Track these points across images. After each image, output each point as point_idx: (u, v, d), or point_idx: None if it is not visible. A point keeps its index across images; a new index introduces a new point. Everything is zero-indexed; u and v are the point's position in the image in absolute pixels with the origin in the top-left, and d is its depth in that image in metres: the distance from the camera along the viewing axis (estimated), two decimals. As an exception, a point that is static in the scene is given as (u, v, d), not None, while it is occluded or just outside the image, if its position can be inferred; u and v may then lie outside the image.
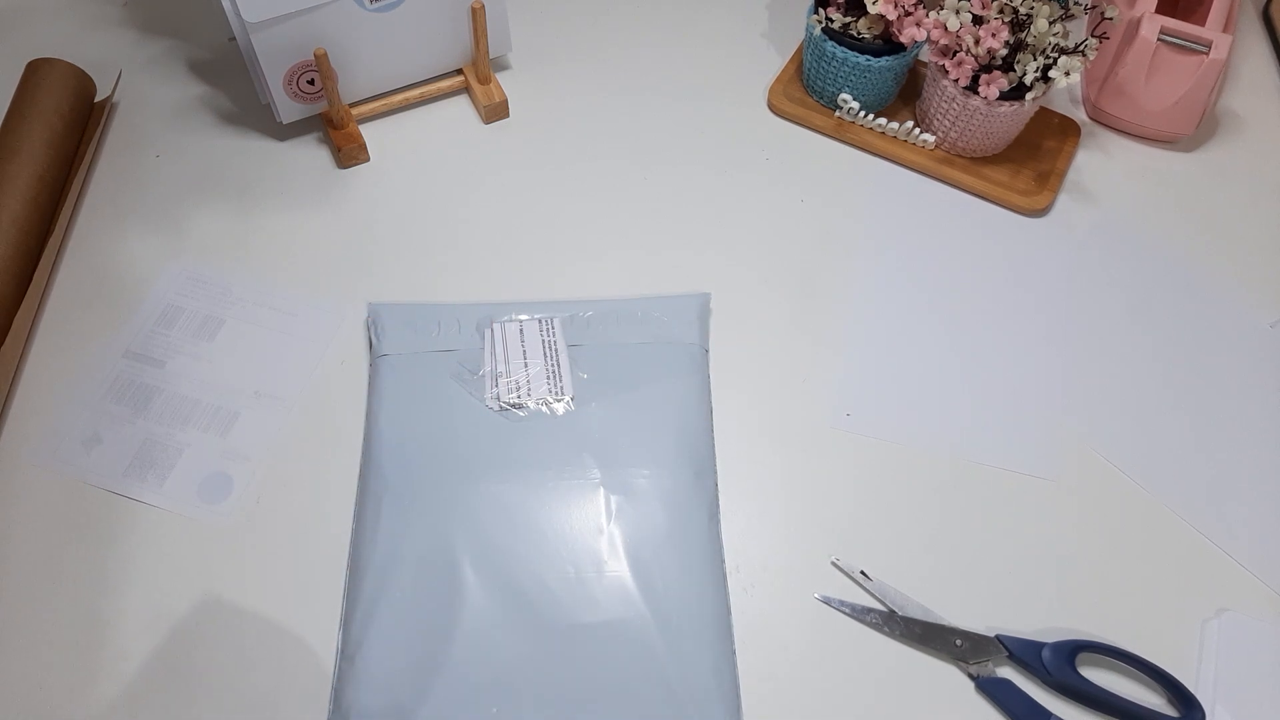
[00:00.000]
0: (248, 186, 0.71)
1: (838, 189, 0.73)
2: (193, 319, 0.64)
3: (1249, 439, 0.63)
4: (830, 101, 0.75)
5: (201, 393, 0.61)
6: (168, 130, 0.74)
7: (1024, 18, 0.66)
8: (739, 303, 0.67)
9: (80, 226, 0.69)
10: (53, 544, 0.56)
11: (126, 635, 0.53)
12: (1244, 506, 0.60)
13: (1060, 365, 0.65)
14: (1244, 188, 0.75)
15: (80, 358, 0.62)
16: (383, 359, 0.61)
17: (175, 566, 0.55)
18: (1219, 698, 0.53)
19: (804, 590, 0.56)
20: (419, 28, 0.71)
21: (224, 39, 0.79)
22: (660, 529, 0.55)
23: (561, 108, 0.77)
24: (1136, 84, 0.74)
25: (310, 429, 0.60)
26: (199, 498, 0.57)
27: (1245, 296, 0.69)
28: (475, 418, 0.58)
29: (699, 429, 0.59)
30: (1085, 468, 0.61)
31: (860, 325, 0.66)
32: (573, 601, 0.52)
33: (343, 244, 0.68)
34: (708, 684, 0.51)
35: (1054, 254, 0.71)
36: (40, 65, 0.71)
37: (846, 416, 0.62)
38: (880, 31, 0.71)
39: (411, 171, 0.72)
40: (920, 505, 0.59)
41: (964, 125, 0.71)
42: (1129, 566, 0.58)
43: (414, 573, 0.53)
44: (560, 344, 0.61)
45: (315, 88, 0.70)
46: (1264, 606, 0.57)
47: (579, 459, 0.57)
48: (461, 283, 0.67)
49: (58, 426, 0.59)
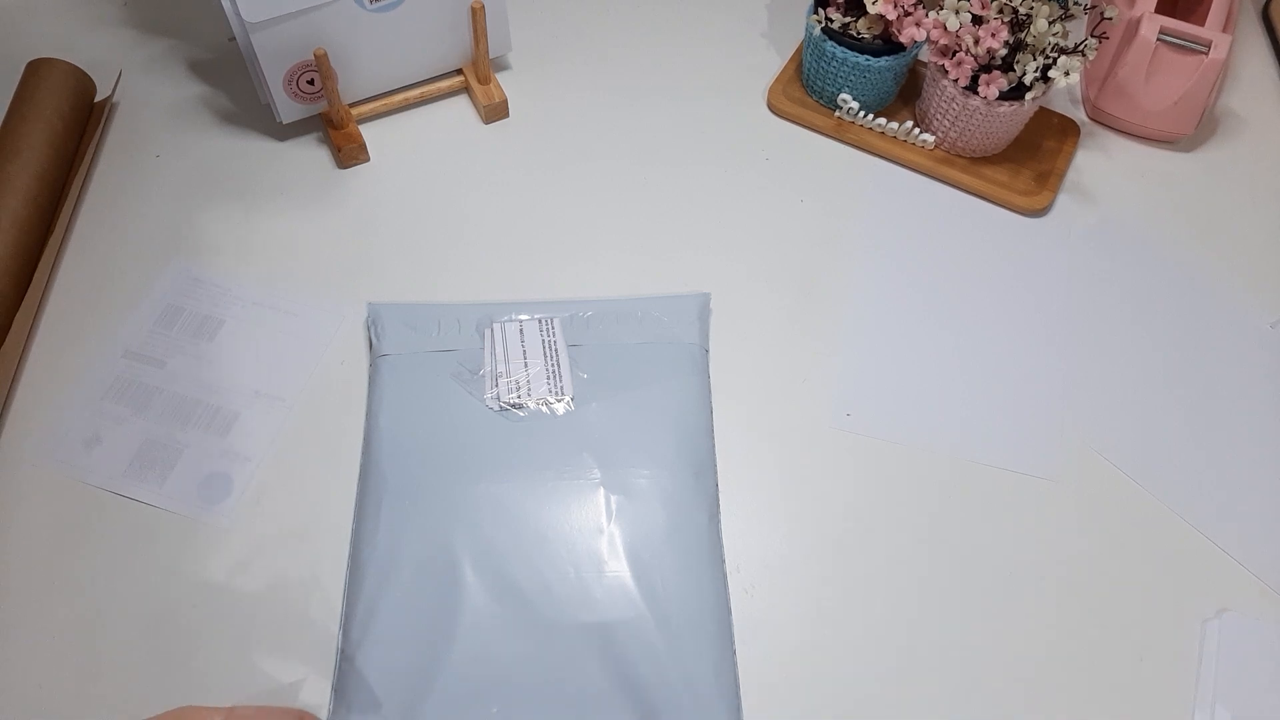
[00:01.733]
0: (248, 186, 0.71)
1: (838, 189, 0.73)
2: (193, 319, 0.64)
3: (1249, 439, 0.63)
4: (830, 101, 0.75)
5: (201, 393, 0.61)
6: (168, 130, 0.74)
7: (1024, 18, 0.66)
8: (739, 303, 0.67)
9: (80, 226, 0.69)
10: (53, 544, 0.56)
11: (126, 635, 0.53)
12: (1244, 506, 0.60)
13: (1060, 365, 0.65)
14: (1244, 188, 0.75)
15: (80, 358, 0.62)
16: (383, 359, 0.61)
17: (175, 566, 0.55)
18: (1219, 698, 0.53)
19: (804, 590, 0.56)
20: (419, 28, 0.71)
21: (224, 39, 0.79)
22: (660, 529, 0.55)
23: (561, 108, 0.77)
24: (1136, 84, 0.74)
25: (310, 429, 0.60)
26: (199, 498, 0.57)
27: (1245, 297, 0.69)
28: (475, 418, 0.58)
29: (699, 429, 0.59)
30: (1086, 468, 0.61)
31: (860, 325, 0.66)
32: (573, 601, 0.52)
33: (343, 244, 0.68)
34: (708, 684, 0.50)
35: (1054, 254, 0.71)
36: (40, 65, 0.71)
37: (846, 416, 0.62)
38: (880, 31, 0.71)
39: (411, 171, 0.72)
40: (920, 505, 0.59)
41: (964, 125, 0.71)
42: (1129, 566, 0.58)
43: (414, 573, 0.53)
44: (560, 344, 0.61)
45: (315, 88, 0.70)
46: (1264, 606, 0.57)
47: (579, 459, 0.57)
48: (461, 283, 0.67)
49: (58, 426, 0.59)
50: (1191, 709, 0.53)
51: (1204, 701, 0.53)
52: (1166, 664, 0.54)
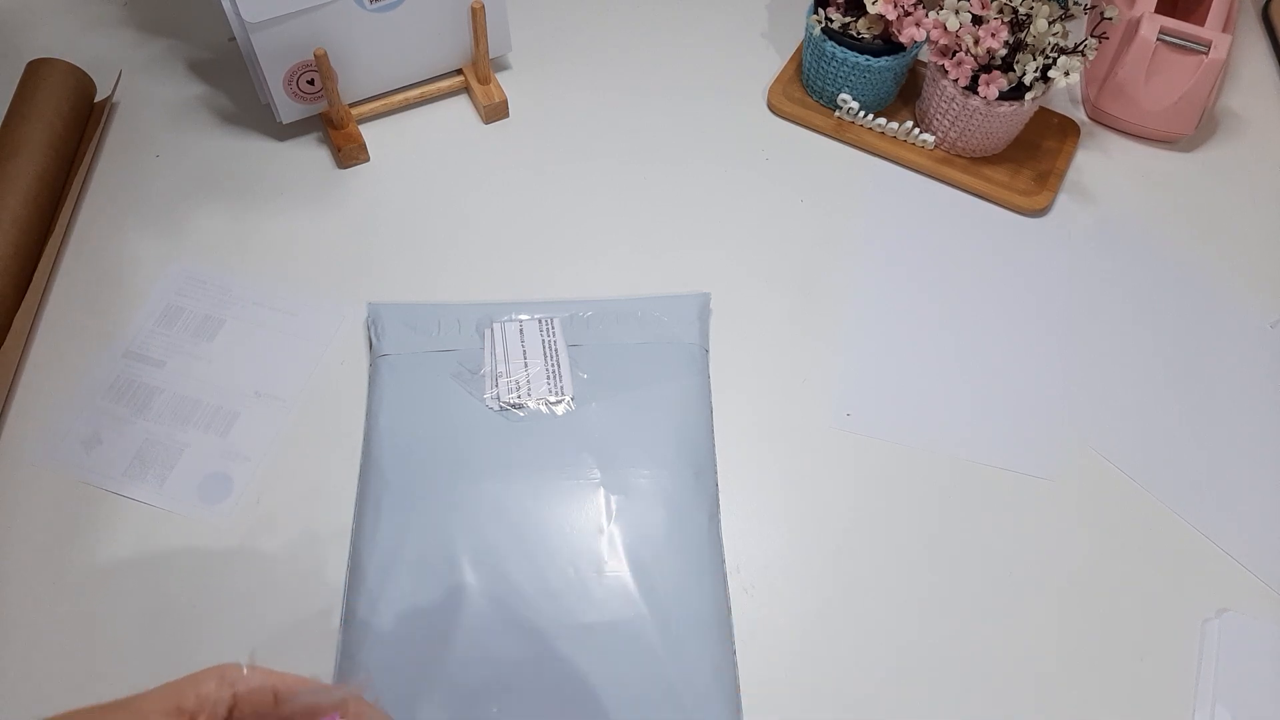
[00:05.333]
0: (248, 186, 0.71)
1: (838, 189, 0.73)
2: (193, 319, 0.64)
3: (1249, 439, 0.63)
4: (830, 101, 0.75)
5: (201, 393, 0.61)
6: (168, 130, 0.74)
7: (1023, 18, 0.66)
8: (739, 303, 0.67)
9: (80, 226, 0.69)
10: (53, 544, 0.56)
11: (126, 635, 0.53)
12: (1244, 506, 0.60)
13: (1060, 365, 0.65)
14: (1244, 188, 0.75)
15: (80, 358, 0.62)
16: (383, 359, 0.61)
17: (175, 567, 0.55)
18: (1219, 698, 0.53)
19: (804, 590, 0.56)
20: (419, 28, 0.71)
21: (224, 39, 0.79)
22: (660, 529, 0.55)
23: (561, 108, 0.77)
24: (1136, 84, 0.74)
25: (310, 429, 0.60)
26: (199, 498, 0.57)
27: (1245, 296, 0.69)
28: (475, 418, 0.58)
29: (699, 429, 0.59)
30: (1085, 468, 0.61)
31: (860, 325, 0.66)
32: (573, 601, 0.52)
33: (343, 244, 0.68)
34: (708, 684, 0.50)
35: (1053, 254, 0.71)
36: (40, 65, 0.71)
37: (846, 416, 0.62)
38: (880, 31, 0.71)
39: (411, 171, 0.72)
40: (920, 505, 0.59)
41: (964, 125, 0.71)
42: (1129, 566, 0.58)
43: (414, 573, 0.53)
44: (560, 344, 0.61)
45: (315, 88, 0.70)
46: (1264, 606, 0.57)
47: (579, 459, 0.57)
48: (461, 283, 0.67)
49: (58, 426, 0.59)
50: (1191, 709, 0.53)
51: (1204, 701, 0.53)
52: (1166, 664, 0.54)
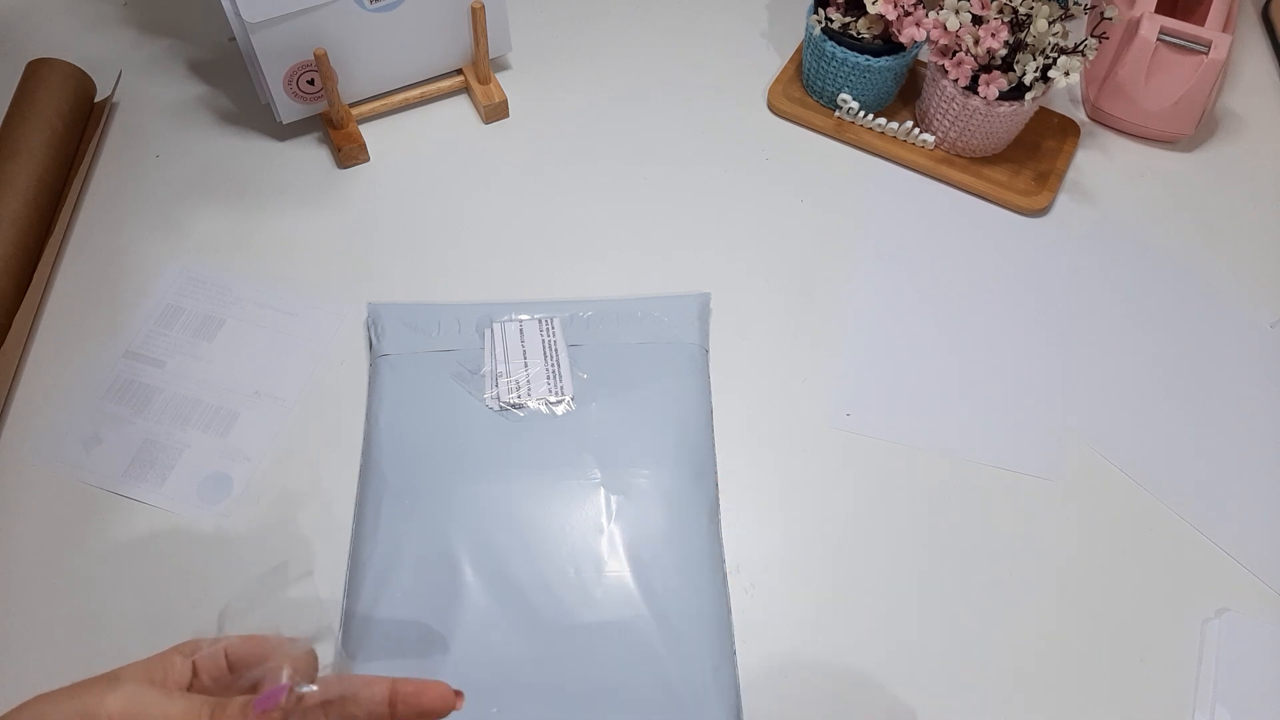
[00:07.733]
0: (248, 186, 0.71)
1: (837, 189, 0.73)
2: (193, 319, 0.64)
3: (1249, 439, 0.63)
4: (830, 101, 0.75)
5: (201, 393, 0.61)
6: (168, 130, 0.74)
7: (1023, 18, 0.66)
8: (739, 303, 0.67)
9: (80, 226, 0.69)
10: (53, 544, 0.56)
11: (126, 635, 0.53)
12: (1244, 506, 0.60)
13: (1060, 365, 0.65)
14: (1244, 188, 0.75)
15: (80, 358, 0.62)
16: (383, 359, 0.61)
17: (175, 566, 0.55)
18: (1219, 698, 0.53)
19: (804, 590, 0.56)
20: (419, 28, 0.71)
21: (224, 39, 0.79)
22: (660, 529, 0.55)
23: (561, 108, 0.77)
24: (1136, 84, 0.74)
25: (310, 429, 0.60)
26: (199, 498, 0.57)
27: (1245, 296, 0.69)
28: (475, 418, 0.58)
29: (699, 429, 0.59)
30: (1085, 468, 0.61)
31: (860, 325, 0.66)
32: (573, 601, 0.52)
33: (343, 244, 0.68)
34: (708, 684, 0.50)
35: (1054, 254, 0.71)
36: (40, 65, 0.71)
37: (846, 416, 0.62)
38: (880, 31, 0.71)
39: (411, 172, 0.72)
40: (920, 505, 0.59)
41: (964, 125, 0.71)
42: (1129, 566, 0.58)
43: (414, 573, 0.53)
44: (560, 344, 0.61)
45: (315, 88, 0.70)
46: (1264, 606, 0.57)
47: (579, 459, 0.57)
48: (461, 283, 0.67)
49: (58, 426, 0.59)
50: (1191, 709, 0.53)
51: (1204, 701, 0.53)
52: (1166, 664, 0.54)
